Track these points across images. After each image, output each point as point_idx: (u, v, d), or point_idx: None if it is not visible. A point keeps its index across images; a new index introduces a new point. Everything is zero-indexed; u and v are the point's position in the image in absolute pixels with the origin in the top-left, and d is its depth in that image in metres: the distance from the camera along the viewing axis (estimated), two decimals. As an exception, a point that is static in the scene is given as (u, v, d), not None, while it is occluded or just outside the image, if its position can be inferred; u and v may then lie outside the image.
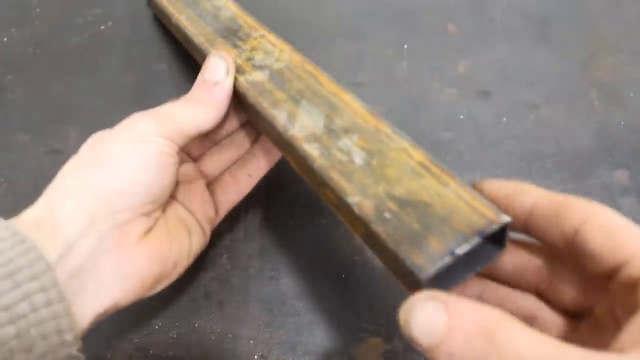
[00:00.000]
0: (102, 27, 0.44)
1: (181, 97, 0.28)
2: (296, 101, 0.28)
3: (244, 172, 0.32)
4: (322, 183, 0.25)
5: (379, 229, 0.22)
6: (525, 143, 0.38)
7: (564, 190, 0.36)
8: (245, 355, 0.31)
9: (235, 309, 0.32)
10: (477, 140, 0.38)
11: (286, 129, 0.27)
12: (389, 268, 0.22)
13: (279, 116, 0.28)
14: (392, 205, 0.22)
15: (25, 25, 0.44)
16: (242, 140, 0.33)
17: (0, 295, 0.19)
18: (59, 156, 0.38)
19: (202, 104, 0.27)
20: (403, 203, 0.22)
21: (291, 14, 0.44)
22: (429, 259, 0.20)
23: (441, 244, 0.20)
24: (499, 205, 0.21)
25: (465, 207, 0.21)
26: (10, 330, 0.19)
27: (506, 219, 0.20)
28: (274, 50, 0.32)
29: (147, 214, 0.25)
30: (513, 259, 0.23)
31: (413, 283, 0.20)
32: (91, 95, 0.40)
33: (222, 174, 0.32)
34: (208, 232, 0.30)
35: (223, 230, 0.35)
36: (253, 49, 0.33)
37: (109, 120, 0.39)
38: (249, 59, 0.32)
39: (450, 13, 0.44)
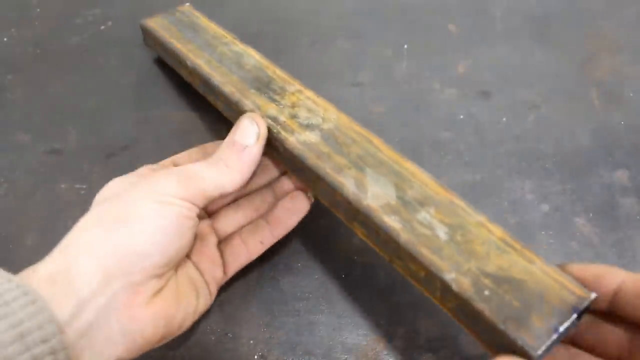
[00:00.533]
0: (102, 27, 0.44)
1: (208, 158, 0.28)
2: (360, 168, 0.28)
3: (256, 238, 0.31)
4: (410, 259, 0.25)
5: (481, 306, 0.22)
6: (525, 143, 0.38)
7: (564, 190, 0.36)
8: (245, 355, 0.31)
9: (235, 309, 0.32)
10: (477, 140, 0.38)
11: (359, 198, 0.27)
12: (485, 340, 0.23)
13: (347, 183, 0.27)
14: (488, 282, 0.23)
15: (25, 25, 0.44)
16: (259, 203, 0.32)
17: (11, 359, 0.19)
18: (59, 156, 0.38)
19: (229, 167, 0.27)
20: (498, 280, 0.23)
21: (291, 14, 0.44)
22: (537, 336, 0.21)
23: (543, 321, 0.21)
24: (587, 285, 0.23)
25: (554, 284, 0.23)
26: None
27: (594, 295, 0.22)
28: (318, 109, 0.32)
29: (159, 275, 0.25)
30: (596, 329, 0.24)
31: (522, 356, 0.21)
32: (91, 95, 0.40)
33: (233, 236, 0.31)
34: (214, 292, 0.29)
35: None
36: (294, 105, 0.32)
37: (109, 120, 0.39)
38: (293, 117, 0.31)
39: (450, 13, 0.44)
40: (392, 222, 0.26)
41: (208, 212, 0.32)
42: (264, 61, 0.36)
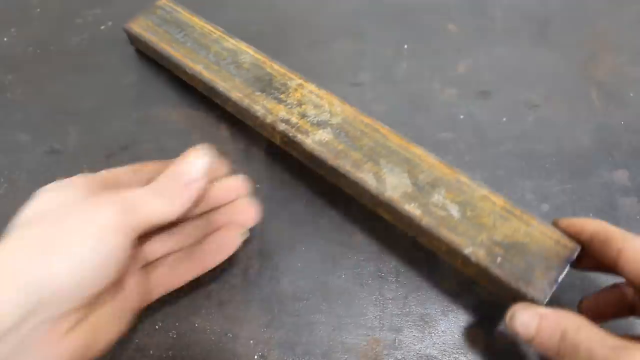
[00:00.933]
0: (102, 27, 0.44)
1: (150, 185, 0.26)
2: (375, 161, 0.31)
3: (183, 268, 0.30)
4: (432, 237, 0.29)
5: (497, 272, 0.28)
6: (525, 143, 0.38)
7: (564, 190, 0.36)
8: (245, 355, 0.31)
9: (235, 309, 0.32)
10: (477, 140, 0.38)
11: (380, 192, 0.30)
12: (501, 293, 0.29)
13: (368, 179, 0.31)
14: (498, 249, 0.28)
15: (25, 25, 0.44)
16: (191, 230, 0.30)
17: None
18: (59, 156, 0.38)
19: (169, 198, 0.26)
20: (506, 246, 0.28)
21: (291, 14, 0.44)
22: (542, 289, 0.27)
23: (545, 275, 0.27)
24: (573, 235, 0.28)
25: (550, 241, 0.28)
26: None
27: (579, 247, 0.28)
28: (323, 103, 0.34)
29: (80, 309, 0.23)
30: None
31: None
32: (91, 95, 0.40)
33: (160, 261, 0.30)
34: (133, 316, 0.28)
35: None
36: (301, 103, 0.34)
37: (109, 120, 0.39)
38: (303, 116, 0.33)
39: (450, 13, 0.44)
40: (412, 209, 0.30)
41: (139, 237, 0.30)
42: (259, 56, 0.36)
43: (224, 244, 0.30)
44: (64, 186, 0.26)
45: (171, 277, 0.30)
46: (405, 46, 0.42)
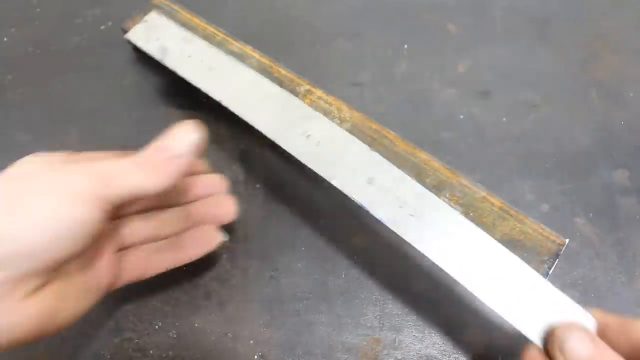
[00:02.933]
0: (102, 27, 0.44)
1: (132, 156, 0.25)
2: None
3: (159, 257, 0.29)
4: None
5: None
6: (525, 143, 0.38)
7: (564, 190, 0.36)
8: (245, 355, 0.31)
9: (235, 309, 0.32)
10: (477, 140, 0.38)
11: None
12: None
13: None
14: None
15: (25, 25, 0.44)
16: (169, 219, 0.30)
17: None
18: (59, 156, 0.38)
19: (151, 171, 0.25)
20: (505, 244, 0.28)
21: (291, 14, 0.44)
22: None
23: (539, 268, 0.29)
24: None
25: (541, 237, 0.30)
26: None
27: (567, 240, 0.30)
28: (332, 109, 0.34)
29: (42, 274, 0.23)
30: None
31: None
32: (91, 95, 0.40)
33: (136, 247, 0.29)
34: (100, 297, 0.27)
35: (223, 231, 0.35)
36: None
37: (109, 120, 0.39)
38: None
39: (450, 13, 0.44)
40: None
41: (115, 215, 0.29)
42: (265, 60, 0.37)
43: (203, 240, 0.30)
44: (42, 156, 0.25)
45: (145, 264, 0.29)
46: (405, 46, 0.42)
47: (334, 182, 0.29)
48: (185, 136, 0.26)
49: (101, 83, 0.41)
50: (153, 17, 0.38)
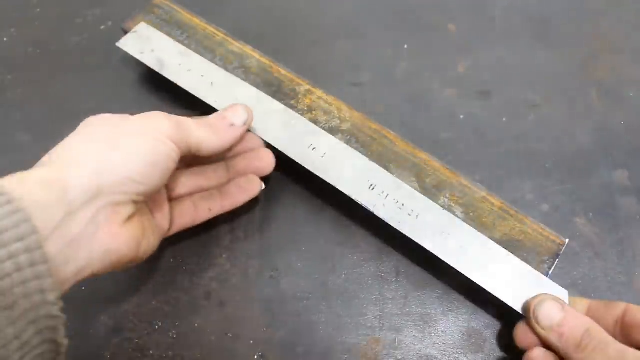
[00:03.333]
0: (102, 27, 0.44)
1: (198, 118, 0.30)
2: (386, 167, 0.33)
3: (206, 205, 0.33)
4: None
5: None
6: (525, 143, 0.38)
7: (564, 190, 0.36)
8: (245, 355, 0.31)
9: (235, 309, 0.32)
10: (477, 140, 0.38)
11: None
12: None
13: None
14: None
15: (25, 25, 0.44)
16: (211, 174, 0.34)
17: None
18: (59, 156, 0.38)
19: (215, 133, 0.30)
20: (505, 244, 0.31)
21: (291, 14, 0.44)
22: None
23: (539, 268, 0.30)
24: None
25: (541, 237, 0.31)
26: None
27: (567, 240, 0.31)
28: (332, 109, 0.35)
29: (136, 203, 0.26)
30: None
31: None
32: (91, 95, 0.40)
33: (184, 198, 0.33)
34: (159, 241, 0.30)
35: (223, 231, 0.35)
36: (311, 109, 0.35)
37: (109, 120, 0.39)
38: (315, 122, 0.34)
39: (450, 13, 0.44)
40: None
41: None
42: (266, 60, 0.37)
43: (247, 188, 0.33)
44: (109, 115, 0.29)
45: (193, 211, 0.32)
46: (405, 46, 0.42)
47: (342, 189, 0.32)
48: (242, 112, 0.32)
49: (101, 83, 0.41)
50: (142, 27, 0.38)
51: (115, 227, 0.25)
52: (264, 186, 0.34)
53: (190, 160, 0.33)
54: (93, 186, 0.24)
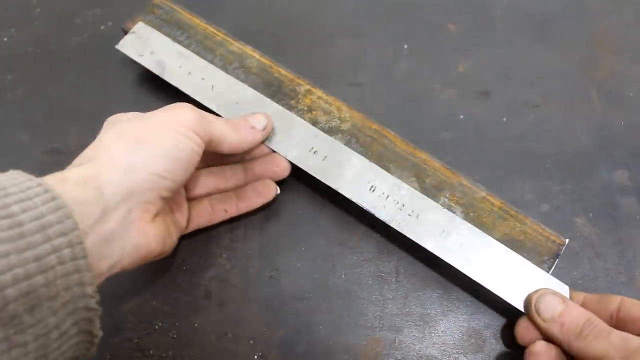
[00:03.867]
0: (102, 27, 0.44)
1: (223, 119, 0.31)
2: (385, 166, 0.33)
3: (222, 206, 0.34)
4: None
5: None
6: (525, 143, 0.38)
7: (564, 190, 0.36)
8: (245, 355, 0.31)
9: (235, 309, 0.32)
10: (477, 140, 0.38)
11: None
12: None
13: None
14: None
15: (25, 25, 0.44)
16: (229, 175, 0.34)
17: (33, 247, 0.20)
18: (59, 156, 0.38)
19: (236, 130, 0.31)
20: (505, 244, 0.31)
21: (291, 14, 0.44)
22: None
23: (540, 267, 0.30)
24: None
25: (541, 237, 0.31)
26: (40, 279, 0.20)
27: (567, 240, 0.31)
28: (332, 109, 0.35)
29: (163, 199, 0.27)
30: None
31: None
32: (91, 95, 0.40)
33: (201, 198, 0.34)
34: (177, 239, 0.31)
35: (223, 230, 0.35)
36: (311, 109, 0.35)
37: (109, 120, 0.39)
38: (315, 122, 0.34)
39: (450, 13, 0.44)
40: None
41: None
42: (265, 60, 0.37)
43: (263, 191, 0.34)
44: (125, 114, 0.30)
45: (210, 211, 0.33)
46: (405, 46, 0.42)
47: (342, 192, 0.32)
48: (262, 118, 0.33)
49: (101, 83, 0.41)
50: (140, 27, 0.38)
51: (145, 224, 0.26)
52: (279, 190, 0.34)
53: (210, 159, 0.34)
54: (125, 186, 0.25)
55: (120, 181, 0.25)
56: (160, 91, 0.40)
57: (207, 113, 0.30)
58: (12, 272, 0.20)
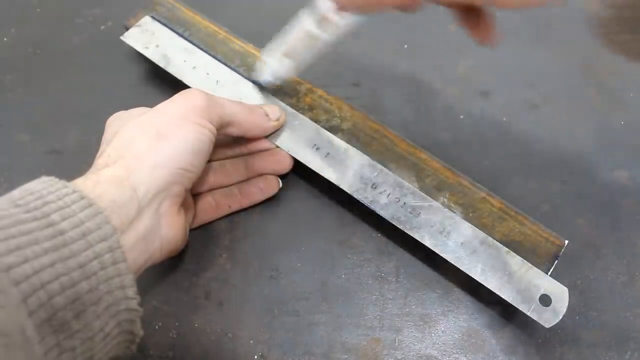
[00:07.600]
0: (102, 27, 0.44)
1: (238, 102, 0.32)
2: (386, 167, 0.33)
3: (226, 202, 0.34)
4: None
5: None
6: (525, 143, 0.38)
7: (564, 191, 0.36)
8: (245, 355, 0.31)
9: (235, 309, 0.32)
10: (477, 140, 0.38)
11: None
12: None
13: None
14: None
15: (25, 25, 0.44)
16: (230, 170, 0.34)
17: (76, 254, 0.21)
18: (59, 156, 0.38)
19: (248, 112, 0.31)
20: (504, 245, 0.30)
21: (292, 14, 0.44)
22: None
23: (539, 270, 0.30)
24: None
25: (541, 238, 0.31)
26: (84, 286, 0.21)
27: (567, 241, 0.31)
28: (332, 108, 0.35)
29: (187, 191, 0.28)
30: None
31: None
32: (91, 95, 0.40)
33: (205, 194, 0.34)
34: (188, 231, 0.31)
35: (223, 230, 0.35)
36: (312, 108, 0.35)
37: (109, 120, 0.39)
38: (316, 121, 0.34)
39: (450, 13, 0.44)
40: None
41: None
42: None
43: (265, 188, 0.34)
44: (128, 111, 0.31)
45: (214, 207, 0.34)
46: (405, 46, 0.42)
47: (344, 187, 0.32)
48: (276, 109, 0.33)
49: (101, 83, 0.41)
50: (147, 21, 0.38)
51: (172, 216, 0.27)
52: (281, 184, 0.35)
53: (216, 146, 0.34)
54: (154, 184, 0.25)
55: (150, 179, 0.25)
56: (160, 91, 0.40)
57: (217, 96, 0.30)
58: (59, 281, 0.20)
